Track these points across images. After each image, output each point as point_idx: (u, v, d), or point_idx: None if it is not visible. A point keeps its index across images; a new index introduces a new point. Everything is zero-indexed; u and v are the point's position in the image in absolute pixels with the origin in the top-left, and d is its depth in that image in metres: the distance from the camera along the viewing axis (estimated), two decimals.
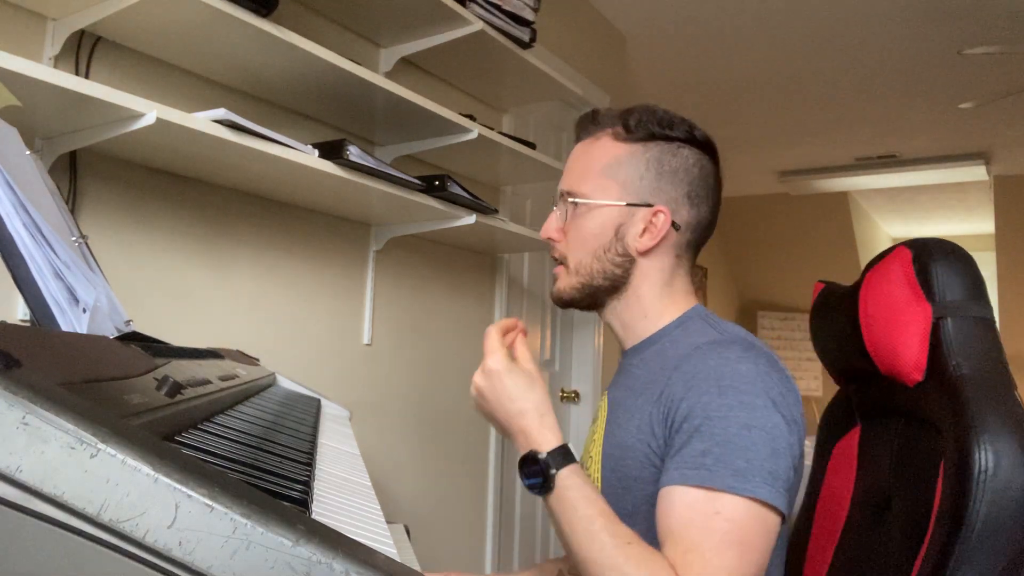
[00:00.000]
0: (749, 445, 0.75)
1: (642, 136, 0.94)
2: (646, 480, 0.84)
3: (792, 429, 0.79)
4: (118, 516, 0.32)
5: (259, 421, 0.85)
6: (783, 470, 0.76)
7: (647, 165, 0.93)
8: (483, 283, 2.46)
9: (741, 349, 0.83)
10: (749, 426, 0.76)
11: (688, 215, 0.93)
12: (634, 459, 0.85)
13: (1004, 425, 0.79)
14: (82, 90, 1.08)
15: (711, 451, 0.76)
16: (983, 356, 0.87)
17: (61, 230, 0.74)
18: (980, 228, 6.87)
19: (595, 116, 0.98)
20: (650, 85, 3.83)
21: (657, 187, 0.92)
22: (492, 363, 0.82)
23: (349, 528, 0.58)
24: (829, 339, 1.12)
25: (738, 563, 0.72)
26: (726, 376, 0.79)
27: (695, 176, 0.94)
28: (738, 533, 0.73)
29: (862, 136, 4.61)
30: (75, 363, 0.48)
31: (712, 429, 0.77)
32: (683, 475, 0.76)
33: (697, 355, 0.84)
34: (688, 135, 0.94)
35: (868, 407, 1.08)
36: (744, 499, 0.74)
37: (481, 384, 0.83)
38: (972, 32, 3.10)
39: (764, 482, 0.74)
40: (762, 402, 0.78)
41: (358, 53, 1.90)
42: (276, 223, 1.73)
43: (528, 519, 2.75)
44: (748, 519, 0.74)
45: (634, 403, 0.89)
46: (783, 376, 0.82)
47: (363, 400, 1.95)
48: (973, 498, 0.76)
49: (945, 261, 0.90)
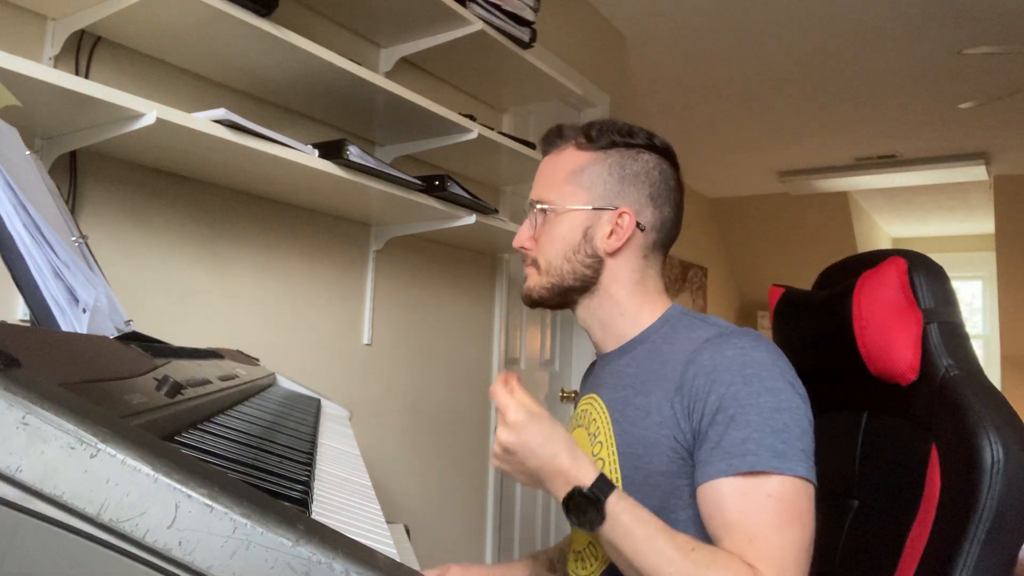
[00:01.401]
0: (782, 427, 0.80)
1: (604, 144, 0.99)
2: (673, 474, 0.86)
3: (807, 407, 0.84)
4: (118, 516, 0.32)
5: (259, 421, 0.85)
6: (810, 445, 0.82)
7: (610, 170, 0.98)
8: (483, 283, 2.46)
9: (751, 339, 0.87)
10: (779, 409, 0.81)
11: (652, 216, 0.98)
12: (659, 454, 0.87)
13: (1007, 422, 0.86)
14: (82, 90, 1.08)
15: (751, 437, 0.79)
16: (968, 359, 0.96)
17: (61, 230, 0.74)
18: (980, 228, 6.87)
19: (560, 130, 1.03)
20: (650, 85, 3.83)
21: (620, 190, 0.97)
22: (514, 416, 0.82)
23: (349, 528, 0.58)
24: (796, 338, 1.21)
25: (799, 537, 0.77)
26: (748, 365, 0.83)
27: (656, 179, 0.98)
28: (793, 510, 0.78)
29: (862, 136, 4.61)
30: (75, 363, 0.48)
31: (747, 416, 0.80)
32: (730, 464, 0.79)
33: (711, 348, 0.86)
34: (648, 142, 1.00)
35: (824, 402, 1.16)
36: (789, 478, 0.78)
37: (509, 439, 0.82)
38: (972, 32, 3.10)
39: (800, 460, 0.79)
40: (782, 385, 0.83)
41: (358, 53, 1.90)
42: (276, 223, 1.73)
43: (528, 518, 2.75)
44: (796, 495, 0.78)
45: (645, 400, 0.90)
46: (786, 359, 0.88)
47: (363, 400, 1.95)
48: (985, 490, 0.83)
49: (928, 272, 1.00)
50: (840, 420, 1.12)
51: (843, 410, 1.12)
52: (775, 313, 1.25)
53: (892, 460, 1.01)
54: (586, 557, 0.98)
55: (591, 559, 0.97)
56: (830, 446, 1.13)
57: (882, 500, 1.01)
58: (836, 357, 1.09)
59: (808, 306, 1.18)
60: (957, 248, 7.20)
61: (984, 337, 6.96)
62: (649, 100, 4.05)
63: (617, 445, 0.92)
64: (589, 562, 0.97)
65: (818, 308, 1.15)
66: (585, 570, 0.97)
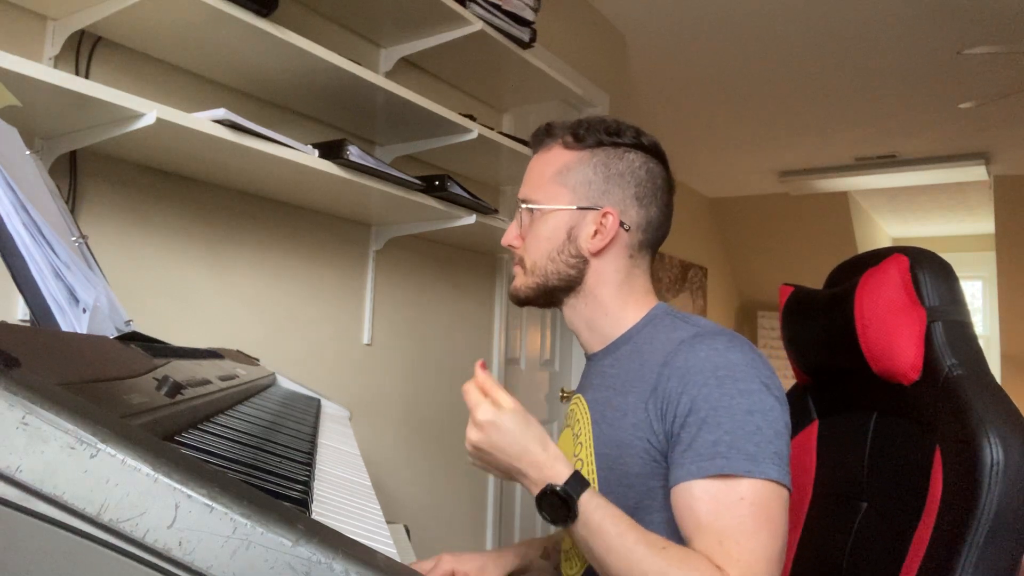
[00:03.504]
0: (754, 430, 0.79)
1: (591, 143, 0.98)
2: (648, 475, 0.86)
3: (784, 409, 0.83)
4: (118, 516, 0.32)
5: (259, 421, 0.85)
6: (784, 448, 0.81)
7: (595, 170, 0.97)
8: (483, 283, 2.46)
9: (727, 340, 0.86)
10: (751, 411, 0.80)
11: (637, 215, 0.97)
12: (633, 455, 0.87)
13: (1007, 422, 0.85)
14: (82, 90, 1.08)
15: (722, 440, 0.79)
16: (972, 357, 0.94)
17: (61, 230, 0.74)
18: (980, 228, 6.87)
19: (549, 129, 1.02)
20: (650, 85, 3.83)
21: (605, 190, 0.96)
22: (481, 414, 0.82)
23: (349, 528, 0.58)
24: (804, 338, 1.20)
25: (770, 541, 0.77)
26: (721, 366, 0.82)
27: (642, 178, 0.97)
28: (764, 514, 0.77)
29: (862, 136, 4.61)
30: (75, 363, 0.48)
31: (719, 419, 0.80)
32: (700, 467, 0.79)
33: (685, 349, 0.86)
34: (635, 140, 0.99)
35: (832, 403, 1.16)
36: (760, 481, 0.78)
37: (477, 437, 0.83)
38: (972, 32, 3.10)
39: (773, 463, 0.78)
40: (756, 387, 0.82)
41: (358, 53, 1.90)
42: (276, 223, 1.73)
43: (528, 518, 2.75)
44: (768, 499, 0.78)
45: (623, 401, 0.90)
46: (765, 360, 0.87)
47: (363, 400, 1.95)
48: (985, 489, 0.82)
49: (933, 269, 0.98)
50: (849, 421, 1.11)
51: (852, 411, 1.11)
52: (784, 312, 1.24)
53: (898, 462, 1.00)
54: (572, 556, 0.99)
55: (576, 558, 0.97)
56: (839, 448, 1.12)
57: (889, 503, 1.00)
58: (843, 357, 1.08)
59: (815, 305, 1.18)
60: (957, 248, 7.20)
61: (984, 337, 6.96)
62: (649, 100, 4.05)
63: (595, 446, 0.92)
64: (574, 561, 0.97)
65: (824, 307, 1.14)
66: (572, 569, 0.98)
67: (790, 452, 0.82)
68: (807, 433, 1.18)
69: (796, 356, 1.22)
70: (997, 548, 0.82)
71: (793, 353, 1.23)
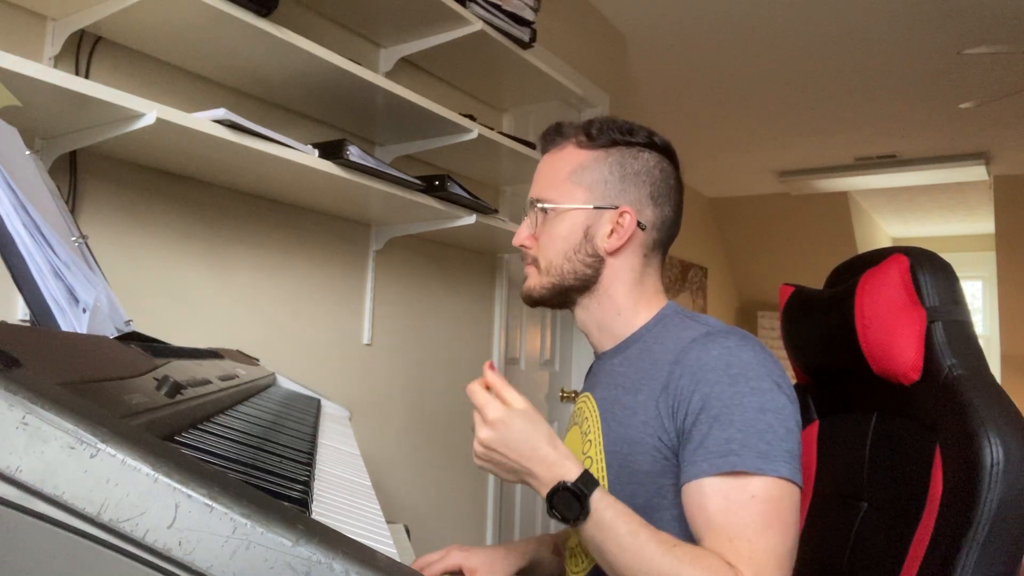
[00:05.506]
0: (766, 428, 0.79)
1: (604, 143, 0.98)
2: (658, 473, 0.86)
3: (795, 407, 0.83)
4: (118, 516, 0.32)
5: (259, 421, 0.85)
6: (795, 446, 0.81)
7: (610, 169, 0.97)
8: (483, 283, 2.46)
9: (738, 338, 0.86)
10: (763, 409, 0.80)
11: (652, 215, 0.98)
12: (643, 454, 0.87)
13: (1007, 422, 0.85)
14: (82, 90, 1.08)
15: (734, 438, 0.79)
16: (973, 357, 0.94)
17: (61, 230, 0.74)
18: (980, 228, 6.87)
19: (559, 128, 1.02)
20: (650, 85, 3.83)
21: (621, 189, 0.97)
22: (492, 412, 0.82)
23: (349, 528, 0.58)
24: (804, 338, 1.20)
25: (781, 539, 0.77)
26: (733, 364, 0.83)
27: (656, 177, 0.98)
28: (775, 512, 0.77)
29: (862, 136, 4.61)
30: (75, 363, 0.48)
31: (731, 416, 0.80)
32: (712, 464, 0.79)
33: (697, 347, 0.86)
34: (648, 140, 0.99)
35: (832, 403, 1.16)
36: (772, 479, 0.78)
37: (488, 435, 0.82)
38: (972, 32, 3.10)
39: (784, 460, 0.78)
40: (768, 385, 0.82)
41: (358, 53, 1.90)
42: (276, 223, 1.73)
43: (528, 518, 2.75)
44: (779, 497, 0.78)
45: (633, 400, 0.90)
46: (775, 359, 0.87)
47: (363, 400, 1.95)
48: (985, 489, 0.82)
49: (933, 269, 0.98)
50: (850, 421, 1.11)
51: (852, 411, 1.11)
52: (784, 312, 1.24)
53: (898, 462, 1.00)
54: (577, 554, 0.99)
55: (581, 556, 0.97)
56: (839, 448, 1.11)
57: (889, 502, 1.00)
58: (843, 357, 1.08)
59: (815, 306, 1.18)
60: (957, 248, 7.20)
61: (984, 337, 6.96)
62: (649, 100, 4.05)
63: (604, 444, 0.92)
64: (579, 559, 0.98)
65: (824, 308, 1.14)
66: (577, 567, 0.98)
67: (801, 450, 0.82)
68: (807, 433, 1.18)
69: (796, 356, 1.22)
70: (997, 548, 0.81)
71: (793, 353, 1.23)
